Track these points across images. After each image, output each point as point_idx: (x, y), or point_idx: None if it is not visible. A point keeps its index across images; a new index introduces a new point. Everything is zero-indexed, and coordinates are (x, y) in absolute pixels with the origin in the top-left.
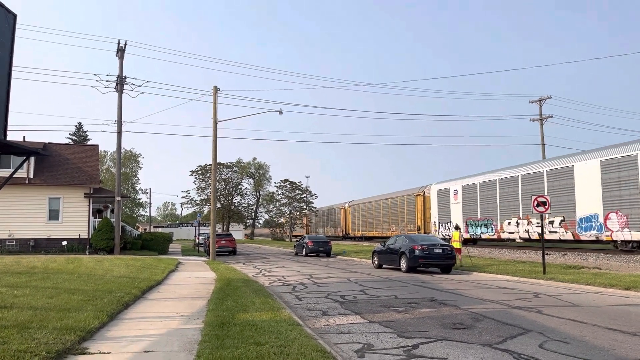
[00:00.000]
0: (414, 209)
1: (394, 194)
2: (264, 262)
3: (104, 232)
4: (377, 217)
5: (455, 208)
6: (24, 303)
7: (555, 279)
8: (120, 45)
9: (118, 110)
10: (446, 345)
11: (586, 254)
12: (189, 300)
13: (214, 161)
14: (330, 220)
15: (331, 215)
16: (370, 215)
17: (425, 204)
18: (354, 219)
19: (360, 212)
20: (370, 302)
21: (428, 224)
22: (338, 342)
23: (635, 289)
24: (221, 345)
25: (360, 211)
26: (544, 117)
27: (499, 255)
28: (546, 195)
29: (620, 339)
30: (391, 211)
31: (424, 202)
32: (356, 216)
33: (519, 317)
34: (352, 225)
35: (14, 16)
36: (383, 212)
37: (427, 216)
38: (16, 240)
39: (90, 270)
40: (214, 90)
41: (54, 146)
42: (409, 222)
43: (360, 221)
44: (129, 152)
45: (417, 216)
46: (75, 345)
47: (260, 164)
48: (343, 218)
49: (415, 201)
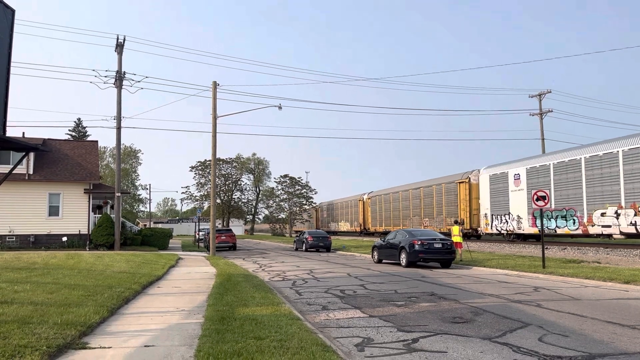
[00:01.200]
0: (455, 199)
1: (428, 182)
2: (263, 257)
3: (104, 228)
4: (405, 210)
5: (517, 196)
6: (25, 298)
7: (555, 273)
8: (119, 40)
9: (117, 106)
10: (446, 339)
11: (586, 248)
12: (189, 295)
13: (214, 157)
14: (345, 214)
15: (346, 209)
16: (395, 207)
17: (472, 193)
18: (374, 212)
19: (383, 204)
20: (370, 296)
21: (475, 217)
22: (338, 336)
23: (634, 283)
24: (221, 340)
25: (382, 203)
26: (544, 112)
27: (498, 249)
28: (545, 190)
29: (620, 332)
30: (424, 202)
31: (470, 191)
32: (377, 209)
33: (519, 311)
34: (372, 219)
35: (12, 11)
36: (413, 204)
37: (474, 207)
38: (16, 236)
39: (90, 266)
40: (213, 86)
41: (54, 142)
42: (449, 214)
43: (382, 215)
44: (129, 148)
45: (459, 207)
46: (76, 340)
47: (259, 160)
48: (361, 211)
49: (458, 190)
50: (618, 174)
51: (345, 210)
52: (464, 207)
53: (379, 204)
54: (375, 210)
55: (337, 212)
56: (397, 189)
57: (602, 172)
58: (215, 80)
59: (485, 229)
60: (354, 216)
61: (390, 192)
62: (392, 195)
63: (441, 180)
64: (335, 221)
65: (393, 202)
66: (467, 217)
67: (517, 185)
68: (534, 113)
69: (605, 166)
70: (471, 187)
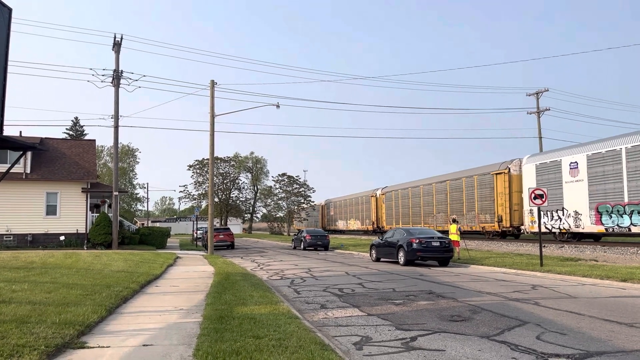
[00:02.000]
0: (491, 193)
1: (456, 175)
2: (262, 256)
3: (101, 227)
4: (427, 206)
5: (574, 188)
6: (23, 298)
7: (553, 271)
8: (117, 39)
9: (115, 105)
10: (444, 337)
11: (583, 246)
12: (188, 294)
13: (212, 155)
14: (355, 211)
15: (356, 206)
16: (416, 203)
17: (512, 186)
18: (389, 209)
19: (400, 200)
20: (368, 295)
21: (517, 213)
22: (336, 334)
23: (631, 281)
24: (220, 339)
25: (399, 199)
26: (542, 110)
27: (496, 248)
28: (543, 188)
29: (617, 330)
30: (451, 197)
31: (510, 183)
32: (393, 205)
33: (517, 309)
34: (387, 216)
35: (9, 10)
36: (437, 199)
37: (515, 202)
38: (14, 236)
39: (88, 265)
40: (211, 84)
41: (51, 141)
42: (483, 210)
43: (399, 211)
44: (126, 147)
45: (496, 202)
46: (74, 340)
47: (257, 158)
48: (374, 208)
49: (494, 182)
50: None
51: (355, 207)
52: (502, 201)
53: (395, 199)
54: (390, 207)
55: (346, 209)
56: (417, 182)
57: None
58: (213, 79)
59: (530, 227)
60: (366, 213)
61: (408, 187)
62: (411, 190)
63: (472, 172)
64: (343, 219)
65: (412, 198)
66: (505, 213)
67: (574, 175)
68: (531, 111)
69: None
70: (511, 179)
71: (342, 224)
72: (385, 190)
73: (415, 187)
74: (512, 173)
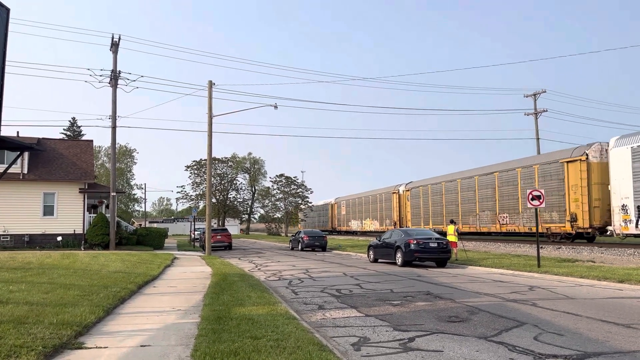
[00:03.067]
0: (560, 186)
1: (508, 165)
2: (259, 257)
3: (99, 228)
4: (467, 203)
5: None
6: (20, 298)
7: (550, 272)
8: (114, 39)
9: (112, 105)
10: (442, 338)
11: (580, 247)
12: (185, 294)
13: (209, 156)
14: (372, 210)
15: (374, 204)
16: (452, 200)
17: (592, 176)
18: (416, 207)
19: (430, 196)
20: (366, 295)
21: (597, 210)
22: (334, 335)
23: (628, 282)
24: (218, 339)
25: (429, 195)
26: (539, 111)
27: (494, 249)
28: (540, 189)
29: (615, 331)
30: (501, 192)
31: (588, 173)
32: (421, 203)
33: (514, 310)
34: (412, 215)
35: (7, 10)
36: (481, 195)
37: (595, 196)
38: (11, 236)
39: (85, 266)
40: (208, 85)
41: (48, 141)
42: (548, 207)
43: (429, 210)
44: (124, 147)
45: (568, 197)
46: (72, 340)
47: (255, 159)
48: (395, 206)
49: (565, 172)
50: None
51: (372, 206)
52: (577, 196)
53: (423, 196)
54: (417, 205)
55: (361, 208)
56: (453, 176)
57: None
58: (211, 80)
59: (622, 227)
60: (386, 212)
61: (441, 181)
62: (445, 185)
63: (531, 161)
64: (357, 219)
65: (447, 194)
66: (581, 210)
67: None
68: (529, 113)
69: None
70: (590, 168)
71: (356, 224)
72: (410, 186)
73: (451, 182)
74: (592, 160)
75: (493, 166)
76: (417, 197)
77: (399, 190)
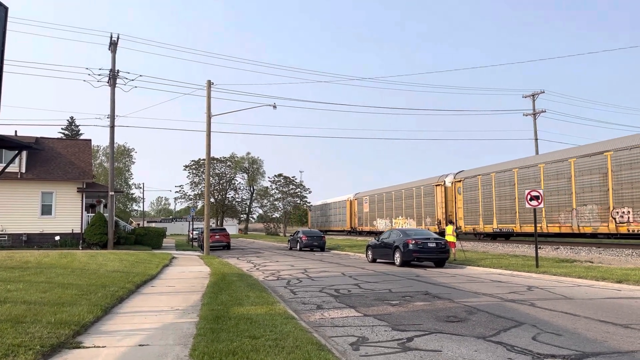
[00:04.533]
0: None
1: (626, 141)
2: (258, 257)
3: (97, 227)
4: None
5: None
6: (18, 297)
7: (548, 272)
8: (113, 39)
9: (111, 105)
10: (440, 338)
11: (578, 247)
12: (184, 294)
13: (208, 156)
14: (406, 206)
15: (408, 199)
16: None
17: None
18: (471, 202)
19: (495, 187)
20: (364, 295)
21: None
22: (333, 335)
23: (626, 282)
24: (216, 339)
25: (492, 186)
26: (537, 112)
27: (492, 249)
28: (539, 190)
29: (613, 331)
30: (617, 178)
31: None
32: (479, 197)
33: (513, 310)
34: (465, 212)
35: (5, 8)
36: (579, 184)
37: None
38: (8, 235)
39: (83, 265)
40: (207, 85)
41: (46, 140)
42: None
43: (492, 205)
44: (122, 147)
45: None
46: (70, 339)
47: (254, 159)
48: (440, 201)
49: None
50: None
51: (406, 202)
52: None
53: (482, 187)
54: (473, 199)
55: (390, 204)
56: (530, 161)
57: None
58: (210, 79)
59: None
60: (426, 209)
61: (512, 168)
62: (518, 173)
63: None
64: (385, 217)
65: (521, 183)
66: None
67: None
68: (527, 113)
69: None
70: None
71: (384, 223)
72: (462, 175)
73: (527, 168)
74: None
75: (598, 144)
76: (472, 188)
77: (444, 181)
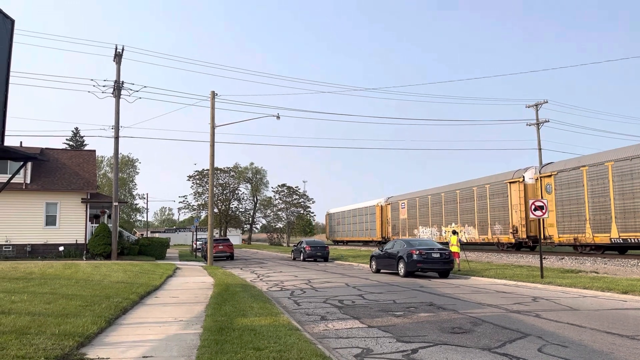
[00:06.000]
0: None
1: None
2: (261, 267)
3: (101, 238)
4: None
5: None
6: (22, 309)
7: (553, 283)
8: (118, 50)
9: (115, 116)
10: (445, 350)
11: (583, 258)
12: (187, 305)
13: (212, 166)
14: (461, 211)
15: (464, 202)
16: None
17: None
18: (567, 204)
19: (605, 180)
20: (368, 306)
21: None
22: (337, 346)
23: (632, 293)
24: (220, 350)
25: (596, 181)
26: (541, 122)
27: (496, 259)
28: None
29: (619, 343)
30: None
31: None
32: (577, 195)
33: (518, 321)
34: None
35: (11, 21)
36: None
37: None
38: (13, 246)
39: (87, 276)
40: (211, 95)
41: (51, 151)
42: None
43: (614, 206)
44: (126, 157)
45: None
46: (74, 351)
47: (257, 169)
48: (518, 203)
49: None
50: None
51: (463, 206)
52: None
53: (591, 183)
54: (574, 199)
55: (436, 209)
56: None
57: None
58: (214, 90)
59: None
60: (494, 214)
61: (631, 156)
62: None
63: None
64: (433, 225)
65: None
66: None
67: None
68: (530, 123)
69: None
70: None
71: (429, 232)
72: (551, 169)
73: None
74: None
75: None
76: (573, 184)
77: (523, 177)
